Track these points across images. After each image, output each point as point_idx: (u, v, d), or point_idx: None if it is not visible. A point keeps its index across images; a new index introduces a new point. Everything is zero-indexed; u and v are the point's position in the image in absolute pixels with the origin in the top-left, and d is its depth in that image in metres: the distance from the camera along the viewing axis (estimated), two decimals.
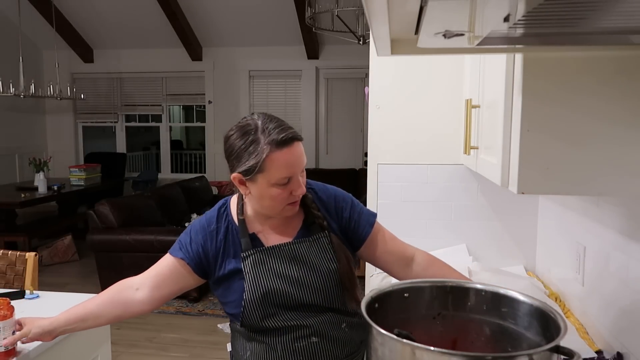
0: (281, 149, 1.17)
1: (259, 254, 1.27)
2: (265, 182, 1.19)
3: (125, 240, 4.35)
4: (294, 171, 1.20)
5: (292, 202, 1.24)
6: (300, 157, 1.21)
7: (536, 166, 1.10)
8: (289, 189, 1.21)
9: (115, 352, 3.24)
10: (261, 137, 1.18)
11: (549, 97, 1.07)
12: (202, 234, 1.31)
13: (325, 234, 1.31)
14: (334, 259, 1.30)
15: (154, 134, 8.28)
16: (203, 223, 1.34)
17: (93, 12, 6.77)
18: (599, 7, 0.63)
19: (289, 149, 1.18)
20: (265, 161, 1.17)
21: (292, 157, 1.19)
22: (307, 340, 1.27)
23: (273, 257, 1.28)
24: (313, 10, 4.09)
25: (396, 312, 1.11)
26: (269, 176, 1.18)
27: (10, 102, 6.69)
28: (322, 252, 1.30)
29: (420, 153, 2.19)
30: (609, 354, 1.39)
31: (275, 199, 1.21)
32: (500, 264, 2.17)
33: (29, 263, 2.25)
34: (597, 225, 1.51)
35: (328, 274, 1.29)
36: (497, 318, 1.11)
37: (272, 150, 1.16)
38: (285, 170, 1.18)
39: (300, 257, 1.29)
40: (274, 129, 1.18)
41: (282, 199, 1.22)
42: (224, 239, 1.30)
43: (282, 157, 1.17)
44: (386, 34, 0.86)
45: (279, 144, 1.17)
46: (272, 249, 1.28)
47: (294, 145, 1.19)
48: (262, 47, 7.11)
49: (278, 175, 1.18)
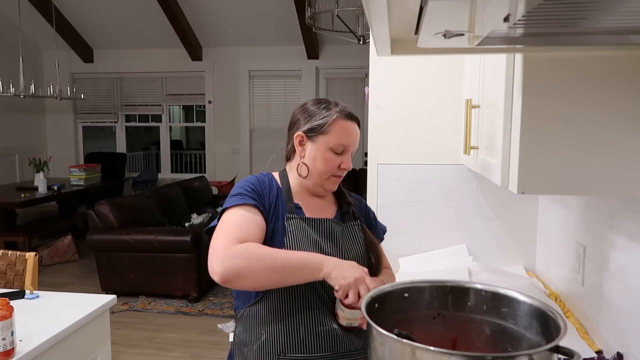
0: (347, 120, 1.35)
1: (300, 220, 1.33)
2: (324, 144, 1.33)
3: (125, 240, 4.35)
4: (350, 143, 1.34)
5: (337, 174, 1.36)
6: (356, 136, 1.37)
7: (536, 166, 1.10)
8: (340, 160, 1.34)
9: (115, 352, 3.24)
10: (333, 107, 1.36)
11: (549, 97, 1.07)
12: (262, 187, 1.35)
13: (357, 222, 1.42)
14: (362, 245, 1.39)
15: (154, 134, 8.29)
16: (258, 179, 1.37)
17: (93, 12, 6.77)
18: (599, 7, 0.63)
19: (352, 123, 1.36)
20: (331, 124, 1.33)
21: (353, 131, 1.36)
22: (329, 326, 1.30)
23: (312, 227, 1.34)
24: (313, 10, 4.09)
25: (396, 312, 1.11)
26: (329, 139, 1.33)
27: (10, 102, 6.69)
28: (353, 237, 1.39)
29: (420, 153, 2.19)
30: (609, 354, 1.39)
31: (327, 163, 1.33)
32: (500, 264, 2.17)
33: (29, 263, 2.25)
34: (597, 225, 1.51)
35: (356, 259, 1.35)
36: (497, 318, 1.11)
37: (340, 117, 1.34)
38: (345, 137, 1.33)
39: (334, 236, 1.35)
40: (345, 107, 1.37)
41: (332, 166, 1.34)
42: (277, 197, 1.35)
43: (346, 126, 1.34)
44: (386, 34, 0.86)
45: (347, 116, 1.35)
46: (312, 219, 1.34)
47: (355, 124, 1.37)
48: (262, 47, 7.12)
49: (338, 139, 1.33)
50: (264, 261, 1.16)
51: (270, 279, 1.18)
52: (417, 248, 2.24)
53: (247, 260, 1.16)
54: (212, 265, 1.18)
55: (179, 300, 4.43)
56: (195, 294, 4.37)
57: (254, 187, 1.33)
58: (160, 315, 4.15)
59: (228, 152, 7.43)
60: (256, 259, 1.16)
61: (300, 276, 1.20)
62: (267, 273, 1.16)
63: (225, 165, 7.44)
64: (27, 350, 1.56)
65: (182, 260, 4.30)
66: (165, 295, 4.48)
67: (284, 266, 1.17)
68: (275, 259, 1.17)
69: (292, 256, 1.20)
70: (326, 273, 1.19)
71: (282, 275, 1.18)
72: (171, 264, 4.34)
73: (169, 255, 4.33)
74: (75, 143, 7.92)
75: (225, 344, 3.59)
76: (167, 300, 4.44)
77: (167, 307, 4.32)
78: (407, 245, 2.23)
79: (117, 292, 4.27)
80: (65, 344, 1.77)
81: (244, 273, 1.15)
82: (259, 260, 1.16)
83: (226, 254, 1.17)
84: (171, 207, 5.37)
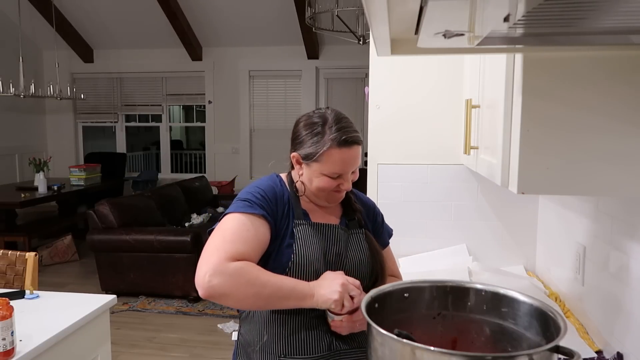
0: (340, 148, 1.26)
1: (308, 226, 1.32)
2: (318, 170, 1.29)
3: (125, 240, 4.35)
4: (346, 170, 1.30)
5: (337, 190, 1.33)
6: (355, 159, 1.30)
7: (536, 166, 1.10)
8: (337, 182, 1.31)
9: (115, 352, 3.24)
10: (327, 132, 1.27)
11: (549, 97, 1.07)
12: (273, 194, 1.31)
13: (362, 230, 1.40)
14: (367, 254, 1.38)
15: (154, 134, 8.29)
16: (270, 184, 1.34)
17: (93, 12, 6.77)
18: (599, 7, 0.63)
19: (347, 149, 1.27)
20: (323, 154, 1.27)
21: (348, 158, 1.28)
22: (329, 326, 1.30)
23: (319, 233, 1.33)
24: (313, 10, 4.09)
25: (396, 312, 1.11)
26: (322, 167, 1.28)
27: (10, 102, 6.69)
28: (357, 245, 1.38)
29: (420, 153, 2.19)
30: (609, 354, 1.39)
31: (322, 186, 1.31)
32: (500, 264, 2.17)
33: (29, 263, 2.25)
34: (597, 225, 1.51)
35: (359, 266, 1.35)
36: (497, 318, 1.11)
37: (332, 147, 1.26)
38: (339, 167, 1.28)
39: (340, 242, 1.35)
40: (339, 129, 1.27)
41: (329, 187, 1.31)
42: (287, 204, 1.33)
43: (338, 155, 1.27)
44: (386, 34, 0.86)
45: (340, 143, 1.26)
46: (319, 225, 1.34)
47: (352, 148, 1.28)
48: (262, 47, 7.12)
49: (331, 169, 1.28)
50: (254, 287, 1.15)
51: (256, 304, 1.20)
52: (417, 248, 2.24)
53: (237, 283, 1.14)
54: (199, 275, 1.15)
55: (179, 300, 4.43)
56: (196, 294, 4.36)
57: (265, 195, 1.29)
58: (160, 315, 4.15)
59: (228, 152, 7.43)
60: (245, 284, 1.14)
61: (286, 304, 1.20)
62: (254, 299, 1.17)
63: (225, 165, 7.44)
64: (27, 350, 1.56)
65: (182, 260, 4.30)
66: (165, 295, 4.48)
67: (272, 294, 1.17)
68: (264, 287, 1.16)
69: (281, 284, 1.18)
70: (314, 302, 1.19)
71: (268, 302, 1.19)
72: (171, 264, 4.34)
73: (169, 255, 4.33)
74: (75, 143, 7.92)
75: (225, 344, 3.59)
76: (167, 300, 4.44)
77: (167, 307, 4.32)
78: (407, 245, 2.23)
79: (117, 292, 4.26)
80: (65, 344, 1.77)
81: (230, 293, 1.14)
82: (248, 285, 1.15)
83: (217, 269, 1.13)
84: (171, 207, 5.37)
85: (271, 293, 1.16)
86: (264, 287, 1.16)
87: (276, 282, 1.18)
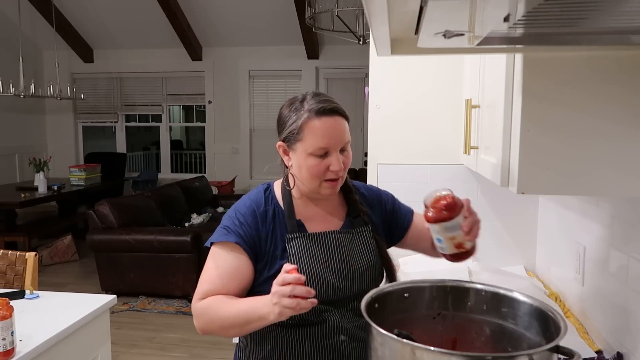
0: (319, 117, 1.19)
1: (303, 238, 1.25)
2: (303, 151, 1.21)
3: (125, 240, 4.35)
4: (330, 142, 1.20)
5: (329, 179, 1.23)
6: (338, 131, 1.21)
7: (536, 166, 1.10)
8: (326, 163, 1.21)
9: (115, 352, 3.24)
10: (305, 105, 1.22)
11: (549, 97, 1.07)
12: (253, 217, 1.25)
13: (368, 228, 1.33)
14: (374, 253, 1.31)
15: (154, 134, 8.29)
16: (251, 205, 1.27)
17: (93, 12, 6.77)
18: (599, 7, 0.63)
19: (327, 118, 1.20)
20: (303, 127, 1.19)
21: (329, 128, 1.20)
22: (335, 338, 1.24)
23: (316, 243, 1.26)
24: (313, 10, 4.09)
25: (396, 312, 1.11)
26: (306, 145, 1.20)
27: (10, 102, 6.69)
28: (363, 246, 1.31)
29: (420, 153, 2.19)
30: (609, 354, 1.39)
31: (312, 170, 1.21)
32: (500, 264, 2.17)
33: (29, 263, 2.25)
34: (597, 225, 1.51)
35: (367, 268, 1.29)
36: (497, 318, 1.11)
37: (310, 117, 1.19)
38: (321, 139, 1.19)
39: (343, 248, 1.28)
40: (318, 101, 1.22)
41: (319, 172, 1.21)
42: (273, 221, 1.26)
43: (319, 125, 1.19)
44: (386, 34, 0.86)
45: (318, 112, 1.19)
46: (316, 235, 1.27)
47: (333, 117, 1.21)
48: (262, 47, 7.12)
49: (314, 143, 1.19)
50: (216, 322, 1.18)
51: (231, 334, 1.20)
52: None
53: (204, 320, 1.20)
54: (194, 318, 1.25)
55: (179, 300, 4.43)
56: None
57: (244, 220, 1.24)
58: (160, 315, 4.15)
59: (228, 152, 7.43)
60: (209, 321, 1.19)
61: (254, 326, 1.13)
62: (223, 331, 1.18)
63: (225, 165, 7.44)
64: (27, 350, 1.56)
65: (182, 260, 4.30)
66: (165, 295, 4.48)
67: (233, 324, 1.15)
68: (224, 319, 1.16)
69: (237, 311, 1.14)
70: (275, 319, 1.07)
71: (238, 331, 1.18)
72: (171, 264, 4.34)
73: (169, 255, 4.33)
74: (75, 143, 7.92)
75: (225, 344, 3.59)
76: (167, 300, 4.44)
77: (167, 307, 4.32)
78: None
79: (117, 292, 4.26)
80: (65, 344, 1.77)
81: (209, 331, 1.21)
82: (212, 322, 1.19)
83: (194, 311, 1.22)
84: (171, 207, 5.37)
85: (232, 323, 1.15)
86: (224, 320, 1.16)
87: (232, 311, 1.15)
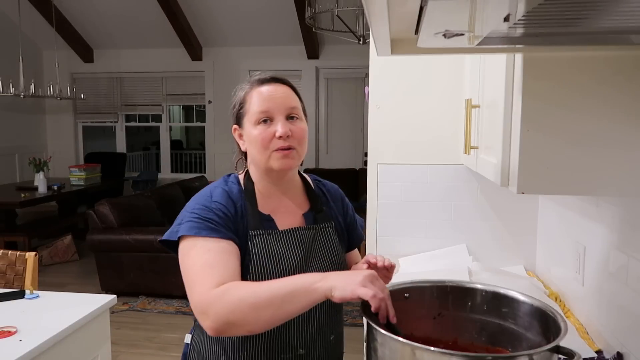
0: (260, 85, 1.20)
1: (267, 235, 1.18)
2: (249, 123, 1.19)
3: (125, 240, 4.35)
4: (271, 107, 1.17)
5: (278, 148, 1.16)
6: (280, 95, 1.19)
7: (536, 166, 1.10)
8: (271, 130, 1.16)
9: (115, 352, 3.24)
10: (247, 82, 1.23)
11: (548, 97, 1.07)
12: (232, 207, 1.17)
13: (331, 224, 1.28)
14: (336, 251, 1.26)
15: (154, 134, 8.29)
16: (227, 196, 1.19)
17: (93, 12, 6.77)
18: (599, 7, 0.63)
19: (268, 85, 1.20)
20: (245, 98, 1.20)
21: (268, 92, 1.19)
22: (293, 352, 1.19)
23: (282, 241, 1.19)
24: (313, 10, 4.09)
25: (396, 312, 1.11)
26: (250, 115, 1.19)
27: (10, 102, 6.69)
28: (326, 242, 1.26)
29: (420, 153, 2.19)
30: (609, 353, 1.39)
31: (258, 139, 1.16)
32: (500, 264, 2.17)
33: (29, 263, 2.25)
34: (597, 225, 1.51)
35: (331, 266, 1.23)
36: (497, 318, 1.11)
37: (252, 87, 1.20)
38: (262, 103, 1.17)
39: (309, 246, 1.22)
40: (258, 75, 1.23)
41: (264, 140, 1.16)
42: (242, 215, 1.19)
43: (259, 92, 1.19)
44: (386, 34, 0.86)
45: (258, 82, 1.20)
46: (280, 232, 1.20)
47: (274, 85, 1.20)
48: (262, 47, 7.12)
49: (257, 109, 1.17)
50: (247, 300, 0.98)
51: (263, 318, 0.99)
52: (417, 248, 2.24)
53: (232, 305, 0.99)
54: (199, 319, 1.03)
55: (179, 300, 4.43)
56: None
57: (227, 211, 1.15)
58: (160, 315, 4.15)
59: (228, 152, 7.40)
60: (237, 300, 0.99)
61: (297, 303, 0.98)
62: (256, 313, 0.98)
63: (225, 165, 7.44)
64: (27, 350, 1.56)
65: None
66: (165, 295, 4.48)
67: (272, 299, 0.98)
68: (257, 295, 0.99)
69: (278, 285, 1.00)
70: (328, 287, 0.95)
71: (274, 310, 0.98)
72: (171, 264, 4.33)
73: (169, 255, 4.30)
74: (75, 143, 7.92)
75: None
76: (167, 300, 4.44)
77: (167, 307, 4.32)
78: (407, 245, 2.23)
79: (117, 292, 4.26)
80: (65, 344, 1.77)
81: (233, 319, 0.99)
82: (241, 301, 0.99)
83: (209, 301, 1.01)
84: (171, 207, 5.36)
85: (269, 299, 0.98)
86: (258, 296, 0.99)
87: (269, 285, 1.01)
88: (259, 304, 0.98)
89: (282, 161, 1.17)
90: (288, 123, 1.17)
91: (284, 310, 0.98)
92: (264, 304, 0.98)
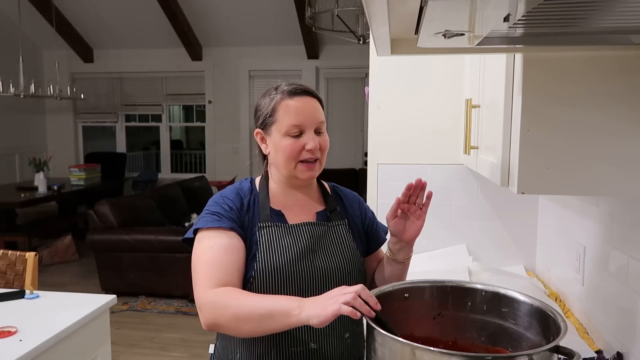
0: (292, 97, 1.23)
1: (275, 228, 1.23)
2: (278, 132, 1.22)
3: (125, 240, 4.35)
4: (304, 121, 1.22)
5: (305, 160, 1.22)
6: (311, 110, 1.23)
7: (536, 166, 1.10)
8: (301, 143, 1.21)
9: (115, 352, 3.24)
10: (278, 91, 1.26)
11: (548, 96, 1.07)
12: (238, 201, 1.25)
13: (344, 222, 1.31)
14: (349, 248, 1.28)
15: (154, 134, 8.28)
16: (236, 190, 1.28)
17: (93, 12, 6.77)
18: (599, 7, 0.63)
19: (299, 98, 1.23)
20: (276, 108, 1.23)
21: (303, 106, 1.22)
22: (305, 346, 1.20)
23: (290, 234, 1.24)
24: (313, 10, 4.09)
25: (396, 312, 1.11)
26: (280, 125, 1.22)
27: (10, 102, 6.69)
28: (339, 239, 1.29)
29: (420, 153, 2.19)
30: (609, 353, 1.39)
31: (287, 150, 1.21)
32: (500, 264, 2.17)
33: (29, 263, 2.25)
34: (597, 225, 1.51)
35: (342, 263, 1.25)
36: (497, 318, 1.11)
37: (282, 98, 1.23)
38: (295, 117, 1.21)
39: (319, 240, 1.25)
40: (289, 84, 1.26)
41: (293, 152, 1.21)
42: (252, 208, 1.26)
43: (291, 104, 1.22)
44: (386, 34, 0.86)
45: (290, 93, 1.23)
46: (290, 226, 1.25)
47: (305, 97, 1.24)
48: (262, 47, 7.12)
49: (288, 122, 1.21)
50: (230, 309, 1.07)
51: (243, 329, 1.07)
52: (417, 248, 2.20)
53: (218, 309, 1.09)
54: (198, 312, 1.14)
55: (179, 300, 4.43)
56: None
57: (232, 204, 1.23)
58: (160, 315, 4.15)
59: (228, 152, 7.42)
60: (223, 306, 1.08)
61: (274, 324, 1.03)
62: (237, 324, 1.06)
63: (225, 165, 7.44)
64: (27, 350, 1.56)
65: (182, 260, 4.30)
66: (165, 295, 4.48)
67: (250, 315, 1.04)
68: (240, 308, 1.05)
69: (260, 303, 1.05)
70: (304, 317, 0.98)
71: (253, 325, 1.05)
72: (171, 264, 4.34)
73: (169, 255, 4.33)
74: (75, 143, 7.92)
75: None
76: (167, 300, 4.44)
77: (167, 307, 4.32)
78: None
79: (117, 292, 4.25)
80: (65, 344, 1.77)
81: (219, 323, 1.09)
82: (225, 308, 1.08)
83: (203, 301, 1.12)
84: (171, 207, 5.37)
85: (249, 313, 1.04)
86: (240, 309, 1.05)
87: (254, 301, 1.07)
88: (240, 316, 1.06)
89: (307, 173, 1.24)
90: (316, 137, 1.23)
91: (263, 326, 1.05)
92: (244, 317, 1.05)
